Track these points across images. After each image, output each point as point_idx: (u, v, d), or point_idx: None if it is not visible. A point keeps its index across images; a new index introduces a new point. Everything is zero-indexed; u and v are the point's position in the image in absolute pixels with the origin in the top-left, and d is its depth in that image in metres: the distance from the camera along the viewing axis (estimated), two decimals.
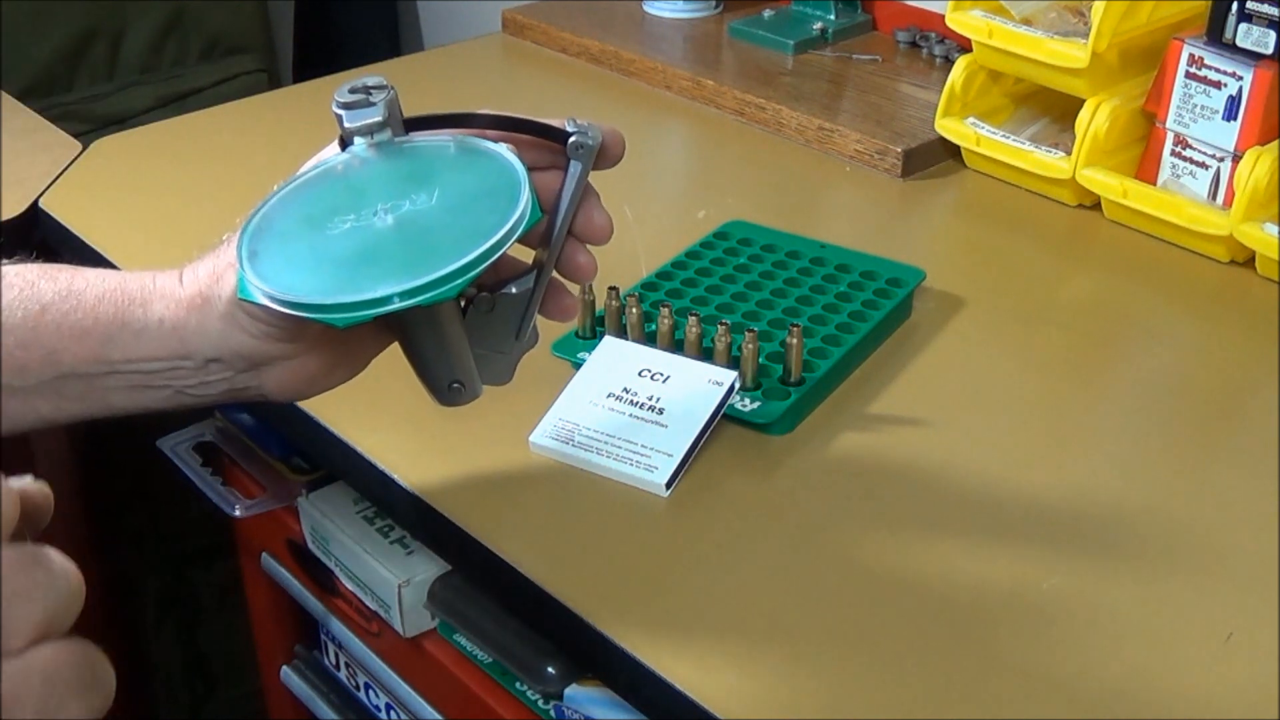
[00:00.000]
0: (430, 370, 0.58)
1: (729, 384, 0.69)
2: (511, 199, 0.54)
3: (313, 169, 0.58)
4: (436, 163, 0.57)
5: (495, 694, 0.74)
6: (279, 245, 0.54)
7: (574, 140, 0.57)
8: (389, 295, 0.51)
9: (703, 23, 1.24)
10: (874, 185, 0.99)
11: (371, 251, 0.53)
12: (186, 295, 0.58)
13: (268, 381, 0.60)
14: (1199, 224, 0.87)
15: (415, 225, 0.54)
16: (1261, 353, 0.79)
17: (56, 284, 0.59)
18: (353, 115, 0.57)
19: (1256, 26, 0.85)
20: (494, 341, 0.60)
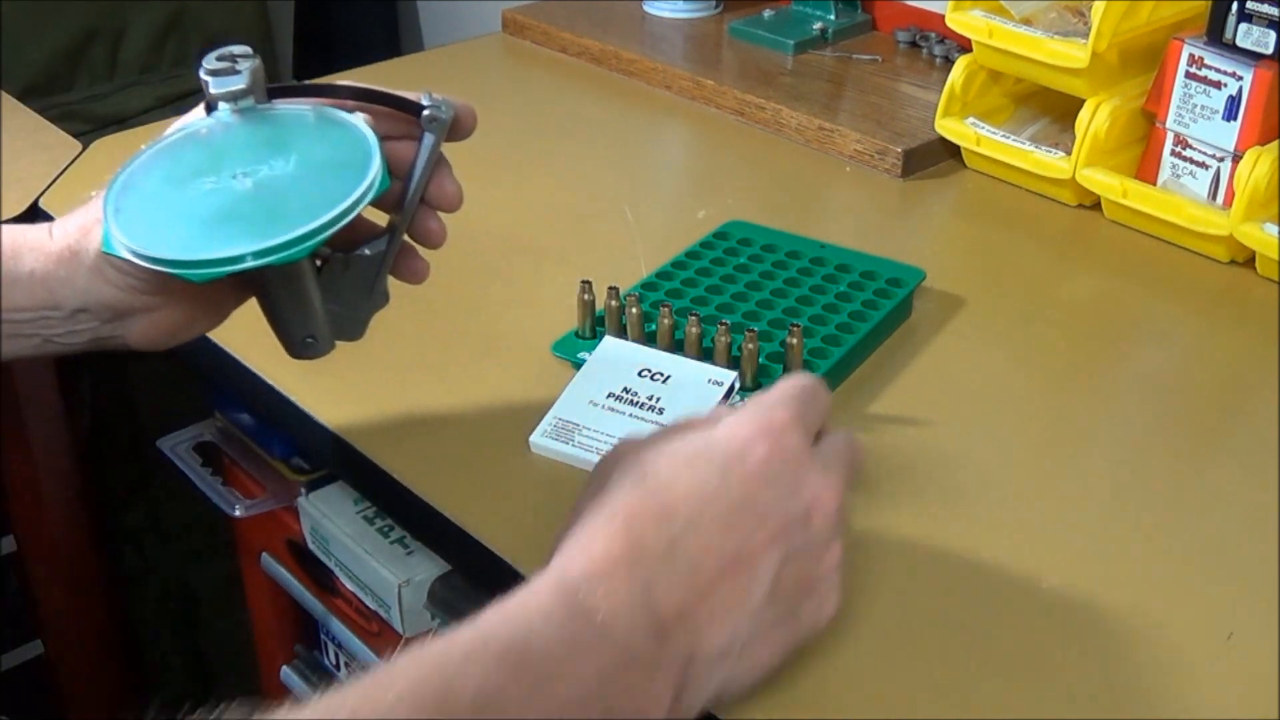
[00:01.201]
0: (285, 325, 0.61)
1: (729, 384, 0.69)
2: (363, 167, 0.57)
3: (178, 131, 0.62)
4: (295, 130, 0.60)
5: None
6: (143, 203, 0.58)
7: (428, 113, 0.61)
8: (243, 254, 0.54)
9: (703, 23, 1.24)
10: (874, 185, 0.99)
11: (229, 212, 0.57)
12: (55, 249, 0.61)
13: (132, 331, 0.63)
14: (1199, 224, 0.87)
15: (271, 189, 0.57)
16: (1261, 353, 0.79)
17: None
18: (218, 82, 0.61)
19: (1256, 26, 0.85)
20: (347, 300, 0.63)
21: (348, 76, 1.15)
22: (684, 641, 0.48)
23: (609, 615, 0.47)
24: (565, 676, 0.45)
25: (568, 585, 0.47)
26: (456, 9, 1.69)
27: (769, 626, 0.50)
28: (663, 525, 0.49)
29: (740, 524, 0.49)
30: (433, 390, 0.74)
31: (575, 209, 0.95)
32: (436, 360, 0.77)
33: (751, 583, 0.49)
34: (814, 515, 0.51)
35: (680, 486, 0.50)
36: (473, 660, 0.44)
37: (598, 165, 1.03)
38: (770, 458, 0.51)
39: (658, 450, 0.52)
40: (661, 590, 0.47)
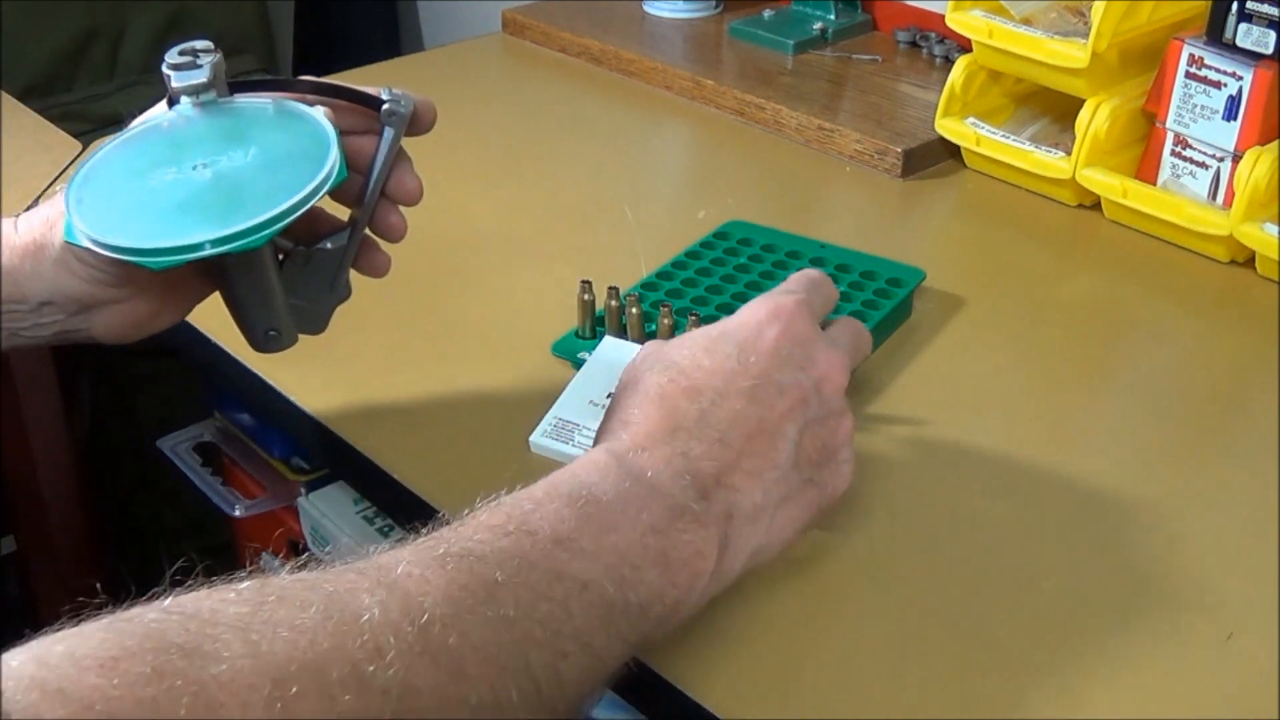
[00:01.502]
0: (248, 318, 0.62)
1: None
2: (321, 159, 0.58)
3: (139, 125, 0.63)
4: (255, 123, 0.61)
5: None
6: (104, 194, 0.59)
7: (387, 108, 0.62)
8: (201, 242, 0.55)
9: (703, 23, 1.24)
10: (874, 185, 0.99)
11: (189, 202, 0.58)
12: (21, 242, 0.62)
13: (97, 324, 0.64)
14: (1199, 224, 0.87)
15: (230, 180, 0.58)
16: (1261, 353, 0.79)
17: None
18: (180, 76, 0.62)
19: (1256, 26, 0.85)
20: (309, 293, 0.64)
21: (348, 77, 1.15)
22: (723, 500, 0.53)
23: (656, 475, 0.52)
24: (626, 523, 0.50)
25: (617, 452, 0.53)
26: (456, 9, 1.69)
27: (796, 490, 0.56)
28: (693, 400, 0.54)
29: (761, 397, 0.55)
30: (432, 390, 0.74)
31: (575, 209, 0.95)
32: (436, 360, 0.77)
33: (776, 449, 0.55)
34: (824, 388, 0.57)
35: (704, 368, 0.55)
36: (545, 504, 0.49)
37: (598, 165, 1.03)
38: (782, 338, 0.57)
39: (679, 344, 0.58)
40: (698, 455, 0.53)
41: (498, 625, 0.45)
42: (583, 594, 0.48)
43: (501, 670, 0.45)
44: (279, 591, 0.42)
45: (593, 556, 0.49)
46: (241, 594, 0.41)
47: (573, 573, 0.48)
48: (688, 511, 0.52)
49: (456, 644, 0.43)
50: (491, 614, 0.45)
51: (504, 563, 0.46)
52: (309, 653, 0.39)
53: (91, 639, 0.38)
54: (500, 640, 0.45)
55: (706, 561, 0.52)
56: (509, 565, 0.46)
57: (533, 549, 0.48)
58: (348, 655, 0.40)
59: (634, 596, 0.49)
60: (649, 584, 0.50)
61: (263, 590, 0.42)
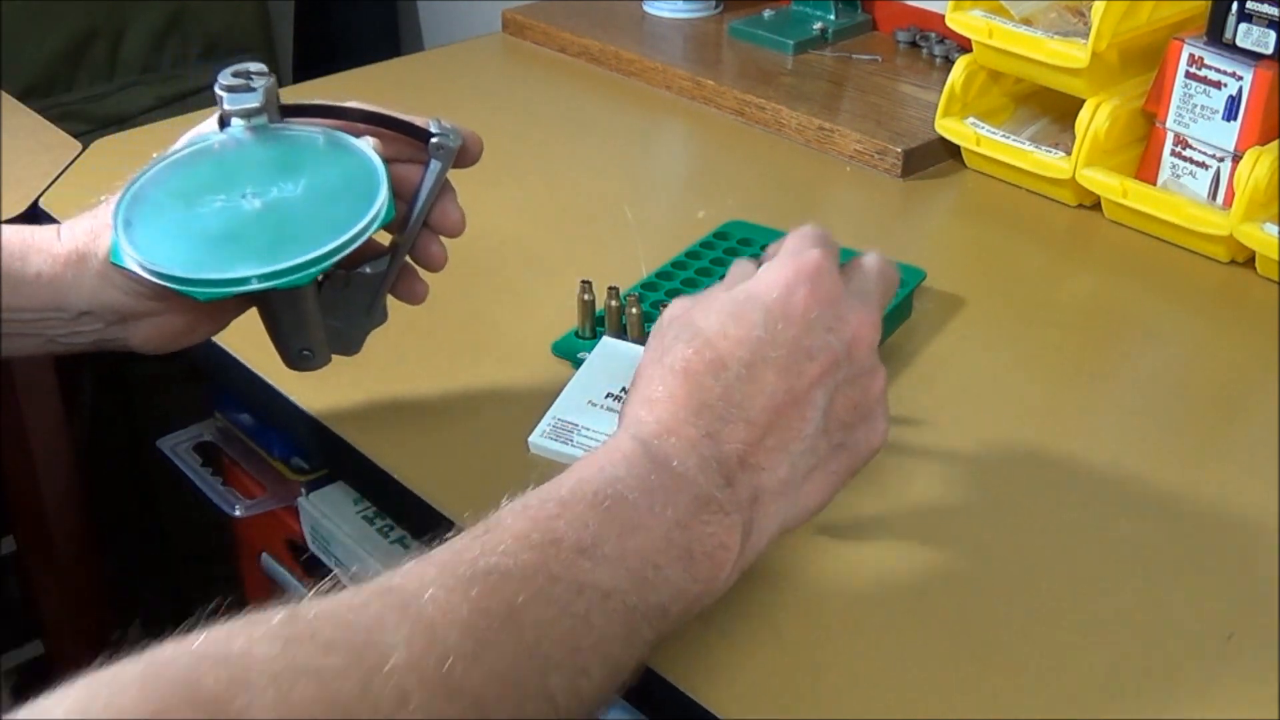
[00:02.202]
0: (283, 337, 0.62)
1: None
2: (370, 196, 0.59)
3: (190, 145, 0.63)
4: (306, 153, 0.62)
5: None
6: (153, 216, 0.59)
7: (435, 141, 0.62)
8: (248, 276, 0.56)
9: (703, 23, 1.24)
10: (874, 185, 0.99)
11: (237, 232, 0.58)
12: (63, 251, 0.62)
13: (135, 335, 0.64)
14: (1199, 224, 0.87)
15: (279, 212, 0.59)
16: (1261, 353, 0.79)
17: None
18: (233, 99, 0.62)
19: (1256, 26, 0.85)
20: (346, 316, 0.64)
21: (348, 76, 1.15)
22: (748, 483, 0.52)
23: (682, 463, 0.51)
24: (651, 520, 0.49)
25: (644, 438, 0.52)
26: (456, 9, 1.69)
27: (825, 457, 0.55)
28: (718, 375, 0.53)
29: (789, 366, 0.53)
30: (432, 390, 0.74)
31: (575, 209, 0.95)
32: (436, 360, 0.77)
33: (805, 419, 0.53)
34: (855, 349, 0.55)
35: (731, 337, 0.53)
36: (571, 507, 0.49)
37: (598, 165, 1.03)
38: (810, 301, 0.54)
39: (706, 308, 0.55)
40: (724, 438, 0.52)
41: (519, 654, 0.45)
42: (605, 603, 0.47)
43: (522, 696, 0.45)
44: (309, 629, 0.41)
45: (616, 562, 0.48)
46: (272, 630, 0.41)
47: (596, 582, 0.47)
48: (713, 501, 0.51)
49: (479, 680, 0.43)
50: (514, 641, 0.45)
51: (528, 579, 0.46)
52: (334, 702, 0.40)
53: (129, 690, 0.38)
54: (521, 669, 0.45)
55: (730, 551, 0.51)
56: (533, 582, 0.46)
57: (556, 560, 0.47)
58: (372, 702, 0.40)
59: (655, 598, 0.49)
60: (672, 582, 0.50)
61: (292, 626, 0.41)
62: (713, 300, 0.56)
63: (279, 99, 0.63)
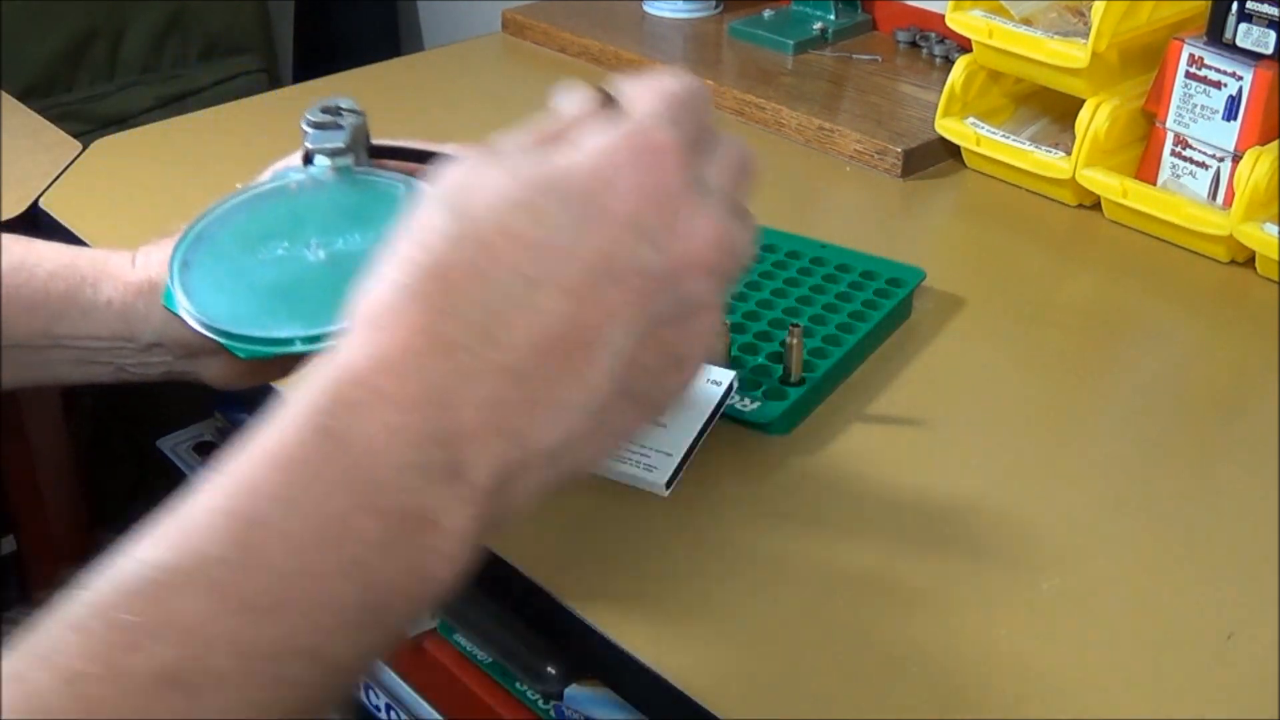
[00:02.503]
0: None
1: (728, 384, 0.69)
2: None
3: (270, 181, 0.59)
4: (382, 203, 0.58)
5: (495, 694, 0.74)
6: (211, 260, 0.56)
7: None
8: (292, 338, 0.53)
9: (703, 23, 1.24)
10: (874, 185, 0.99)
11: (292, 286, 0.55)
12: (136, 280, 0.60)
13: (205, 370, 0.62)
14: (1199, 224, 0.87)
15: (341, 266, 0.55)
16: (1261, 353, 0.79)
17: (10, 256, 0.60)
18: (318, 136, 0.59)
19: (1256, 26, 0.85)
20: None
21: (348, 76, 1.15)
22: (492, 462, 0.38)
23: (380, 448, 0.36)
24: (316, 560, 0.36)
25: (334, 395, 0.37)
26: (456, 9, 1.69)
27: (618, 411, 0.41)
28: (483, 291, 0.38)
29: (583, 290, 0.38)
30: None
31: None
32: None
33: (591, 364, 0.39)
34: (686, 275, 0.40)
35: (510, 236, 0.38)
36: (182, 576, 0.35)
37: None
38: (641, 196, 0.40)
39: (491, 182, 0.39)
40: (461, 398, 0.37)
41: None
42: (246, 682, 0.35)
43: None
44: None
45: (263, 621, 0.35)
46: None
47: (223, 669, 0.34)
48: (418, 515, 0.37)
49: None
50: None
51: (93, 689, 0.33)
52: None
53: None
54: None
55: (444, 566, 0.38)
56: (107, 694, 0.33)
57: (122, 686, 0.33)
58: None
59: (324, 659, 0.36)
60: (349, 631, 0.37)
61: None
62: (504, 170, 0.40)
63: (369, 137, 0.60)
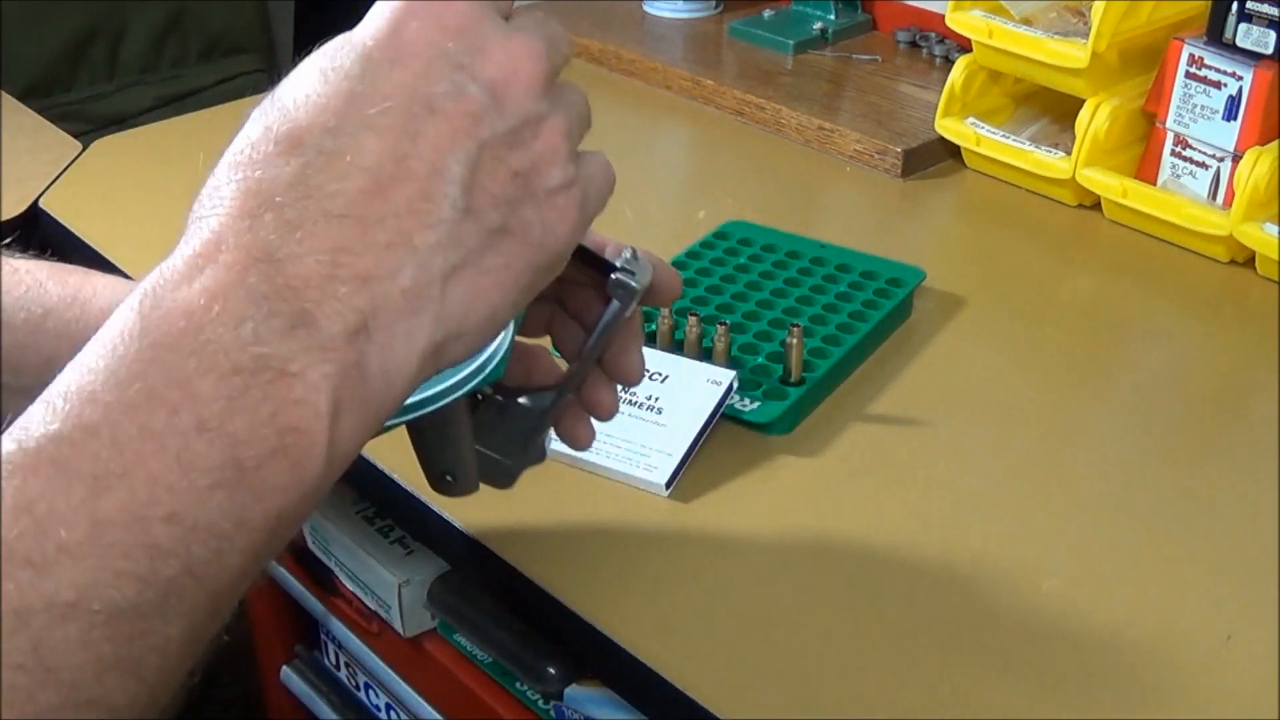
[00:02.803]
0: (426, 455, 0.54)
1: (728, 383, 0.69)
2: (486, 345, 0.47)
3: None
4: None
5: (495, 694, 0.74)
6: None
7: (615, 279, 0.52)
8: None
9: (703, 23, 1.24)
10: (874, 185, 0.99)
11: None
12: None
13: None
14: (1199, 224, 0.87)
15: None
16: (1261, 353, 0.79)
17: (64, 288, 0.58)
18: None
19: (1256, 26, 0.85)
20: (499, 445, 0.55)
21: None
22: (343, 309, 0.37)
23: (206, 323, 0.36)
24: (148, 445, 0.35)
25: (152, 294, 0.37)
26: None
27: (478, 248, 0.40)
28: (289, 156, 0.38)
29: (399, 126, 0.38)
30: None
31: None
32: None
33: (432, 198, 0.39)
34: (506, 90, 0.40)
35: (313, 100, 0.39)
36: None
37: None
38: (429, 28, 0.39)
39: (296, 69, 0.40)
40: (291, 253, 0.37)
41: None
42: (66, 626, 0.33)
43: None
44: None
45: (113, 489, 0.34)
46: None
47: (46, 597, 0.33)
48: (264, 363, 0.36)
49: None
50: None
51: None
52: None
53: None
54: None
55: (314, 425, 0.37)
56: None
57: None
58: None
59: (175, 564, 0.35)
60: (212, 491, 0.35)
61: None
62: (309, 60, 0.41)
63: None
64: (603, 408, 0.55)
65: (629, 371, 0.54)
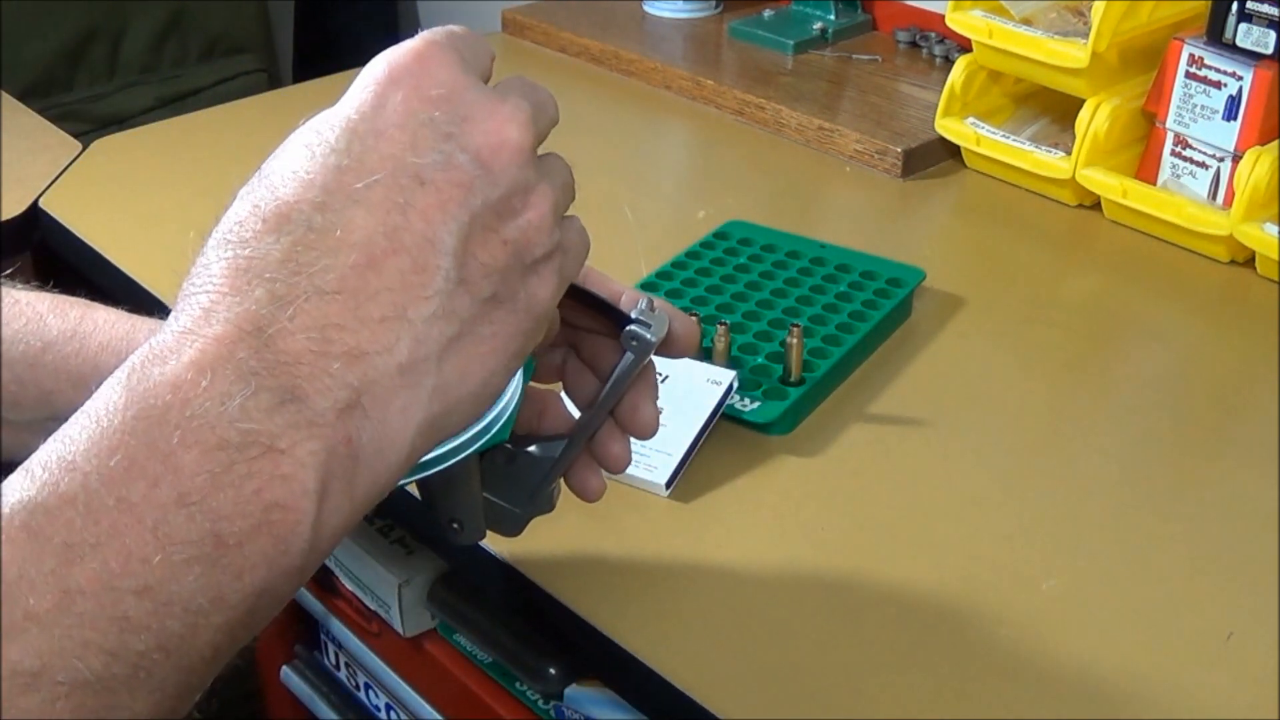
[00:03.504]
0: (433, 501, 0.53)
1: (728, 384, 0.69)
2: (493, 403, 0.45)
3: None
4: None
5: (495, 694, 0.74)
6: None
7: (629, 330, 0.51)
8: None
9: (703, 23, 1.24)
10: (874, 185, 0.99)
11: None
12: None
13: None
14: (1199, 224, 0.87)
15: None
16: (1261, 353, 0.79)
17: (65, 321, 0.57)
18: None
19: (1256, 26, 0.85)
20: (507, 493, 0.54)
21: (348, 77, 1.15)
22: (334, 384, 0.37)
23: (187, 394, 0.35)
24: (125, 520, 0.34)
25: (136, 367, 0.36)
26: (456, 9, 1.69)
27: (474, 317, 0.40)
28: (279, 233, 0.37)
29: (389, 200, 0.38)
30: None
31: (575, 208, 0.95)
32: None
33: (427, 270, 0.38)
34: (494, 160, 0.40)
35: (296, 178, 0.38)
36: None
37: (597, 165, 1.03)
38: (413, 98, 0.39)
39: (284, 145, 0.40)
40: (280, 328, 0.36)
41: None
42: (30, 695, 0.33)
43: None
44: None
45: (85, 558, 0.34)
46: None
47: (17, 663, 0.32)
48: (252, 443, 0.35)
49: None
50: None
51: None
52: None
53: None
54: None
55: (301, 500, 0.36)
56: None
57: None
58: None
59: (141, 643, 0.34)
60: (187, 566, 0.35)
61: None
62: (295, 134, 0.40)
63: None
64: (614, 460, 0.53)
65: (643, 425, 0.52)
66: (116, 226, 0.92)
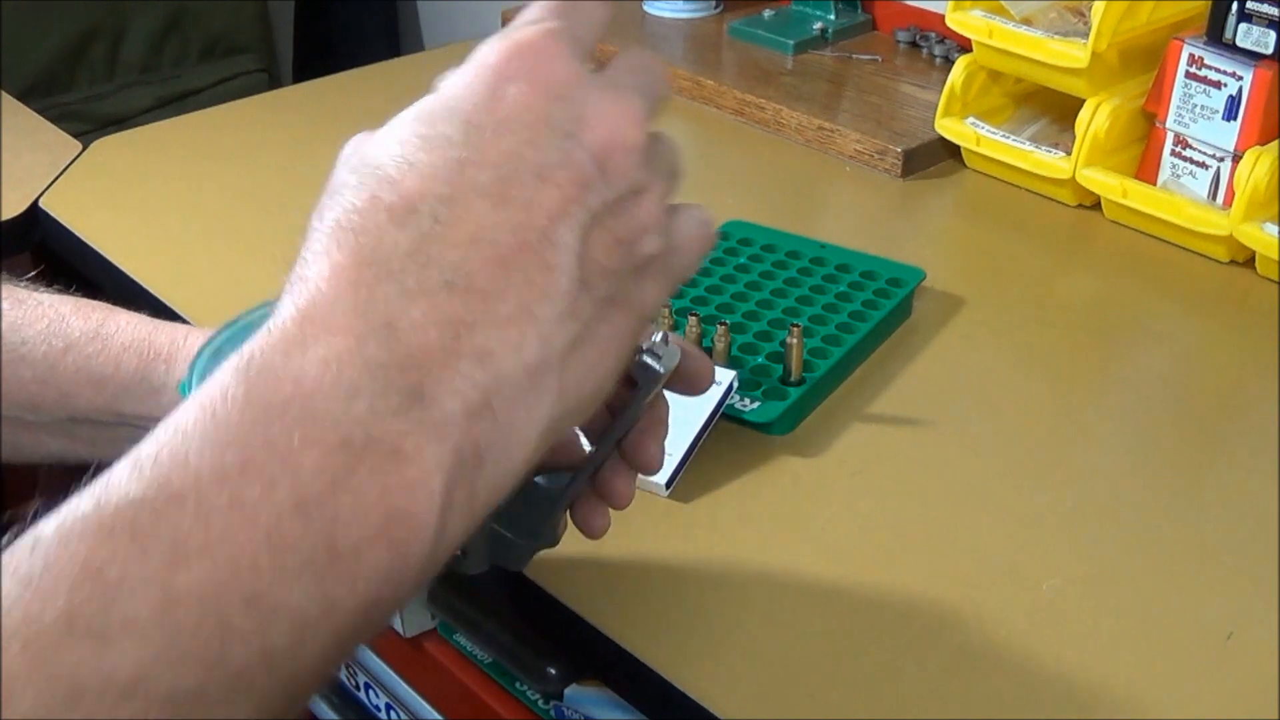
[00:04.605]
0: None
1: (728, 384, 0.69)
2: None
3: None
4: None
5: (495, 694, 0.74)
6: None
7: (639, 361, 0.49)
8: None
9: (703, 23, 1.24)
10: (874, 185, 0.99)
11: None
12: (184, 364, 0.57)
13: None
14: (1199, 224, 0.87)
15: None
16: (1261, 353, 0.79)
17: (87, 323, 0.57)
18: None
19: (1256, 26, 0.85)
20: (511, 524, 0.53)
21: (347, 76, 1.15)
22: (461, 385, 0.35)
23: (317, 390, 0.34)
24: (238, 518, 0.33)
25: (257, 358, 0.35)
26: (456, 9, 1.69)
27: (593, 318, 0.39)
28: (403, 225, 0.35)
29: (512, 194, 0.36)
30: None
31: None
32: None
33: (551, 269, 0.37)
34: (612, 157, 0.38)
35: (419, 168, 0.36)
36: (55, 562, 0.32)
37: None
38: (530, 93, 0.37)
39: (386, 133, 0.38)
40: (408, 322, 0.35)
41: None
42: (122, 707, 0.31)
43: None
44: None
45: (190, 563, 0.32)
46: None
47: (111, 673, 0.31)
48: (376, 444, 0.34)
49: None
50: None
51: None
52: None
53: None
54: None
55: (426, 508, 0.35)
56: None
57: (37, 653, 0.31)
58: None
59: (268, 605, 0.33)
60: (299, 574, 0.33)
61: None
62: (395, 121, 0.38)
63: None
64: (618, 496, 0.52)
65: (648, 460, 0.51)
66: (116, 226, 0.92)
